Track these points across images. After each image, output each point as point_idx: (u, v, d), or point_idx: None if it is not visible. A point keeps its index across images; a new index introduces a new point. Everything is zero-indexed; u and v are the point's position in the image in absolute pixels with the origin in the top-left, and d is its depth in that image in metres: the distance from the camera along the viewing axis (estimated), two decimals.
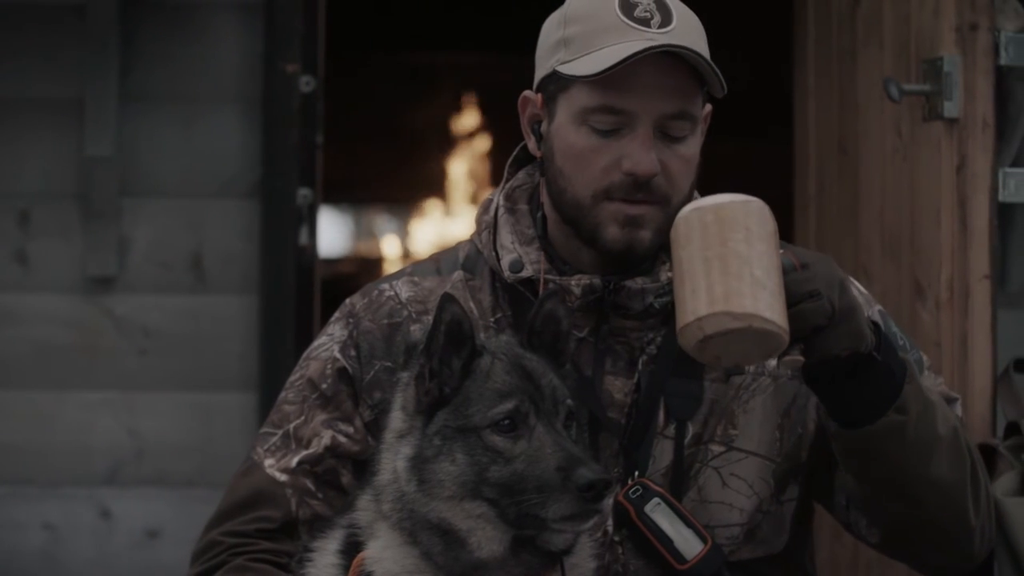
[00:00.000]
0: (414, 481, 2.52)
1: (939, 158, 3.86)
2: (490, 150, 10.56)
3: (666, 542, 2.76)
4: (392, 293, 2.93)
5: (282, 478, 2.85)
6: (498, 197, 2.95)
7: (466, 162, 10.80)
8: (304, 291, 4.74)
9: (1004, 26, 3.85)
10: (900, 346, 2.89)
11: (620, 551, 2.80)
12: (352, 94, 9.29)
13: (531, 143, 2.90)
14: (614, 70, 2.70)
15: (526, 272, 2.84)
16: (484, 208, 2.96)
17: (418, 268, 2.99)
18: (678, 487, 2.81)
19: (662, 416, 2.82)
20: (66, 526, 4.70)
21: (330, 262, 10.07)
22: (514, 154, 2.99)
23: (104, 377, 4.73)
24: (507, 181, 2.96)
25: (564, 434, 2.52)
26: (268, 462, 2.87)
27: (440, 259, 2.99)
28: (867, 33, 4.31)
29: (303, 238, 4.73)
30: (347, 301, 2.98)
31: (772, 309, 2.50)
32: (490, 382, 2.54)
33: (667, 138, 2.76)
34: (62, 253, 4.73)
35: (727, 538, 2.83)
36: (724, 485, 2.84)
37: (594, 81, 2.73)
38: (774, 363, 2.83)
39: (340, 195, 10.14)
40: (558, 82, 2.79)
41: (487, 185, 10.56)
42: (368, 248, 11.23)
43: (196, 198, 4.76)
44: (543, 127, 2.86)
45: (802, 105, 4.86)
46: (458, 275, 2.93)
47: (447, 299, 2.52)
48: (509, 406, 2.51)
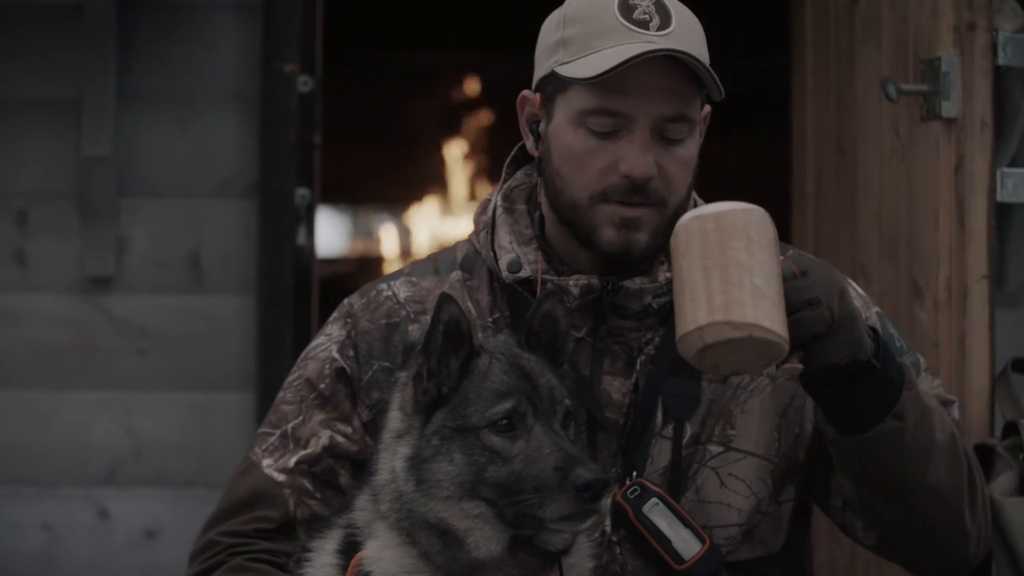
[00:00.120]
0: (412, 481, 2.52)
1: (937, 158, 3.86)
2: (489, 150, 10.55)
3: (664, 542, 2.76)
4: (390, 293, 2.93)
5: (280, 478, 2.85)
6: (496, 197, 2.94)
7: (465, 162, 10.79)
8: (302, 291, 4.74)
9: (1002, 26, 3.85)
10: (897, 348, 2.89)
11: (618, 551, 2.80)
12: (350, 94, 9.28)
13: (529, 143, 2.90)
14: (611, 73, 2.70)
15: (524, 272, 2.83)
16: (482, 208, 2.95)
17: (416, 268, 2.98)
18: (676, 487, 2.80)
19: (660, 416, 2.82)
20: (64, 526, 4.70)
21: (328, 262, 10.05)
22: (512, 154, 2.98)
23: (102, 377, 4.72)
24: (505, 181, 2.96)
25: (562, 434, 2.52)
26: (266, 462, 2.87)
27: (438, 259, 2.99)
28: (865, 33, 4.30)
29: (301, 238, 4.72)
30: (345, 301, 2.97)
31: (772, 318, 2.49)
32: (488, 382, 2.53)
33: (665, 140, 2.76)
34: (60, 253, 4.73)
35: (725, 538, 2.83)
36: (722, 485, 2.83)
37: (592, 83, 2.72)
38: (773, 370, 2.83)
39: (338, 195, 10.13)
40: (556, 83, 2.79)
41: (486, 185, 10.55)
42: (366, 248, 11.21)
43: (194, 198, 4.76)
44: (541, 127, 2.85)
45: (800, 105, 4.85)
46: (456, 275, 2.93)
47: (445, 299, 2.52)
48: (507, 406, 2.51)
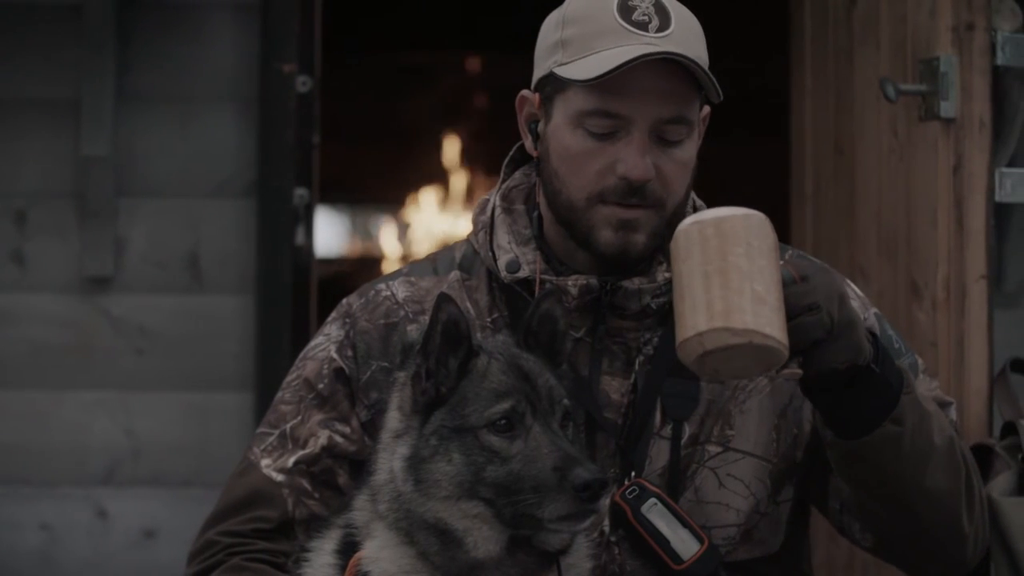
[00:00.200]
0: (411, 481, 2.52)
1: (935, 158, 3.86)
2: (487, 150, 10.54)
3: (663, 542, 2.76)
4: (389, 293, 2.93)
5: (279, 478, 2.85)
6: (495, 197, 2.94)
7: (463, 162, 10.78)
8: (301, 291, 4.74)
9: (1000, 26, 3.86)
10: (896, 350, 2.89)
11: (617, 551, 2.80)
12: (349, 94, 9.28)
13: (528, 142, 2.90)
14: (610, 76, 2.69)
15: (523, 272, 2.83)
16: (481, 208, 2.95)
17: (415, 268, 2.98)
18: (675, 487, 2.80)
19: (659, 416, 2.82)
20: (62, 526, 4.70)
21: (327, 262, 10.05)
22: (510, 154, 2.98)
23: (100, 377, 4.72)
24: (503, 181, 2.96)
25: (561, 434, 2.52)
26: (265, 462, 2.87)
27: (437, 259, 2.98)
28: (863, 33, 4.30)
29: (299, 238, 4.72)
30: (344, 301, 2.97)
31: (772, 325, 2.48)
32: (487, 382, 2.53)
33: (663, 142, 2.76)
34: (58, 253, 4.73)
35: (724, 538, 2.83)
36: (721, 485, 2.83)
37: (590, 85, 2.72)
38: (772, 373, 2.82)
39: (337, 195, 10.13)
40: (555, 83, 2.79)
41: (484, 185, 10.55)
42: (365, 248, 11.21)
43: (192, 198, 4.76)
44: (540, 127, 2.85)
45: (798, 105, 4.85)
46: (455, 275, 2.92)
47: (443, 299, 2.52)
48: (506, 406, 2.50)
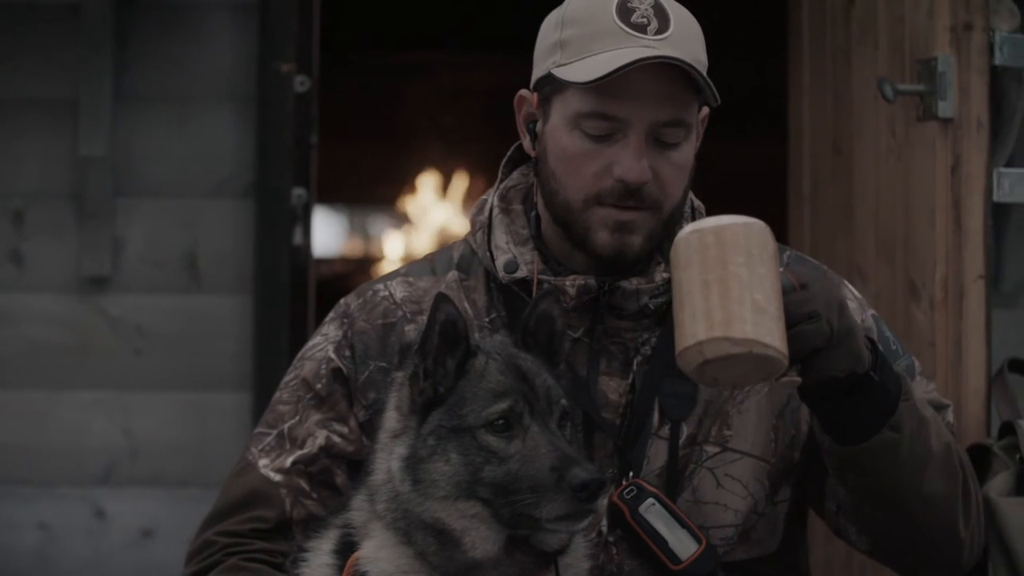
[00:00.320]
0: (408, 481, 2.52)
1: (933, 158, 3.86)
2: (486, 150, 10.54)
3: (661, 543, 2.76)
4: (387, 293, 2.93)
5: (276, 478, 2.85)
6: (492, 197, 2.94)
7: (462, 162, 10.78)
8: (298, 291, 4.73)
9: (998, 26, 3.86)
10: (892, 351, 2.89)
11: (614, 551, 2.80)
12: (347, 94, 9.28)
13: (526, 142, 2.89)
14: (607, 79, 2.69)
15: (521, 272, 2.83)
16: (479, 208, 2.95)
17: (413, 268, 2.98)
18: (673, 488, 2.80)
19: (657, 417, 2.82)
20: (60, 526, 4.69)
21: (325, 262, 10.05)
22: (508, 154, 2.98)
23: (98, 377, 4.72)
24: (501, 181, 2.96)
25: (558, 434, 2.51)
26: (263, 462, 2.87)
27: (435, 259, 2.98)
28: (861, 33, 4.30)
29: (297, 238, 4.72)
30: (342, 301, 2.97)
31: (772, 334, 2.48)
32: (484, 382, 2.53)
33: (660, 144, 2.75)
34: (56, 253, 4.72)
35: (721, 539, 2.83)
36: (719, 486, 2.83)
37: (588, 87, 2.72)
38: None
39: (335, 195, 10.13)
40: (553, 84, 2.78)
41: (483, 185, 10.54)
42: (363, 248, 11.21)
43: (190, 198, 4.75)
44: (538, 127, 2.85)
45: (796, 105, 4.85)
46: (453, 275, 2.92)
47: (441, 299, 2.52)
48: (503, 406, 2.50)
